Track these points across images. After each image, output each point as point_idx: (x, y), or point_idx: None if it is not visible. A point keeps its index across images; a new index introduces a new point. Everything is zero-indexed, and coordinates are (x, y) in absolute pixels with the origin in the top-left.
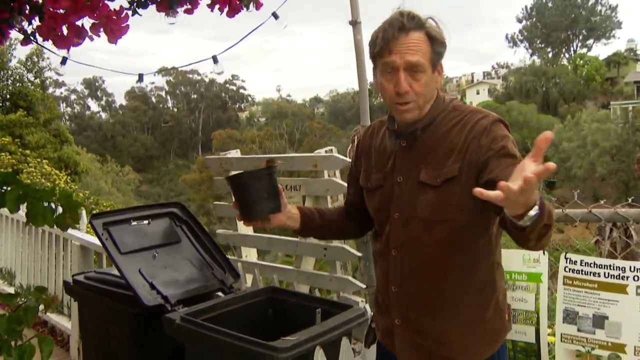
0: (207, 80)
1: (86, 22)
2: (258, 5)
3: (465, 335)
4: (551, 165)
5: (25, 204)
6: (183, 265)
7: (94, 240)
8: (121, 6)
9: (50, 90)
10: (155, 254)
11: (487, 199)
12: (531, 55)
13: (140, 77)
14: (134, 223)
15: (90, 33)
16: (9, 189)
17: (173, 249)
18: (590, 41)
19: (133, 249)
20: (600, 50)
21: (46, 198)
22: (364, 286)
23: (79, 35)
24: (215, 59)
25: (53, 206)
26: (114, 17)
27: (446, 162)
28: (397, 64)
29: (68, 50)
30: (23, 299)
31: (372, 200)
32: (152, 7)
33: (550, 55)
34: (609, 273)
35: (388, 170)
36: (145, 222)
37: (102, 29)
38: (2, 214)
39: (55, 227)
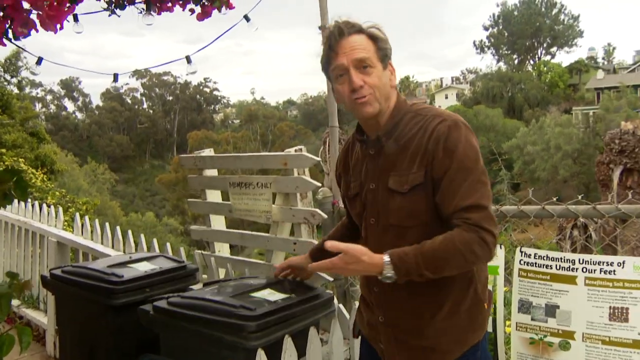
0: (181, 82)
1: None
2: (229, 6)
3: (447, 329)
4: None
5: None
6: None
7: (71, 236)
8: None
9: (27, 90)
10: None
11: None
12: (497, 61)
13: (115, 77)
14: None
15: (37, 24)
16: None
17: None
18: (554, 49)
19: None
20: (563, 57)
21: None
22: (331, 279)
23: (23, 24)
24: (188, 59)
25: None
26: (54, 3)
27: (411, 168)
28: (345, 65)
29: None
30: None
31: (353, 207)
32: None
33: (516, 61)
34: (560, 265)
35: (362, 177)
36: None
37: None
38: None
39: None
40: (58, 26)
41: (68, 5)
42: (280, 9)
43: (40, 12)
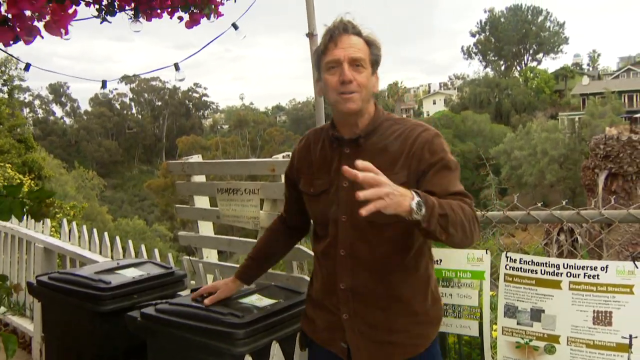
0: (170, 87)
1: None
2: (218, 15)
3: (415, 324)
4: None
5: None
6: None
7: (58, 242)
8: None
9: (15, 95)
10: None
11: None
12: (485, 67)
13: (104, 84)
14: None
15: (41, 30)
16: None
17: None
18: (540, 55)
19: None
20: (549, 63)
21: (14, 194)
22: None
23: (29, 32)
24: (177, 66)
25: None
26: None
27: (392, 169)
28: (341, 59)
29: (7, 45)
30: None
31: (316, 204)
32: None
33: (502, 67)
34: (545, 270)
35: (332, 175)
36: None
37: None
38: None
39: (19, 222)
40: (63, 31)
41: (71, 9)
42: (269, 15)
43: (46, 18)
